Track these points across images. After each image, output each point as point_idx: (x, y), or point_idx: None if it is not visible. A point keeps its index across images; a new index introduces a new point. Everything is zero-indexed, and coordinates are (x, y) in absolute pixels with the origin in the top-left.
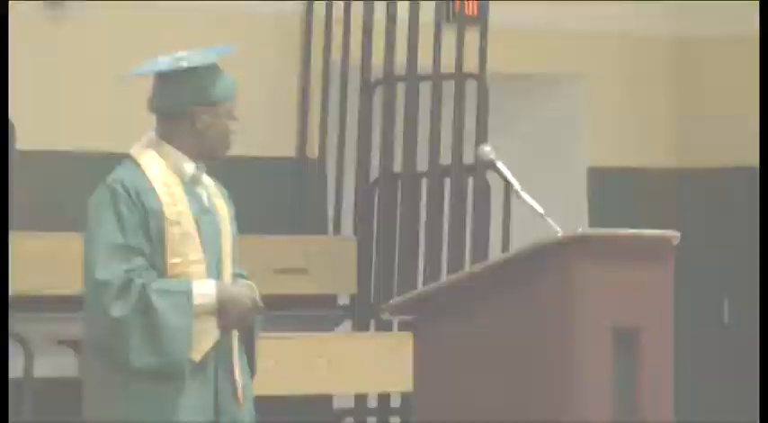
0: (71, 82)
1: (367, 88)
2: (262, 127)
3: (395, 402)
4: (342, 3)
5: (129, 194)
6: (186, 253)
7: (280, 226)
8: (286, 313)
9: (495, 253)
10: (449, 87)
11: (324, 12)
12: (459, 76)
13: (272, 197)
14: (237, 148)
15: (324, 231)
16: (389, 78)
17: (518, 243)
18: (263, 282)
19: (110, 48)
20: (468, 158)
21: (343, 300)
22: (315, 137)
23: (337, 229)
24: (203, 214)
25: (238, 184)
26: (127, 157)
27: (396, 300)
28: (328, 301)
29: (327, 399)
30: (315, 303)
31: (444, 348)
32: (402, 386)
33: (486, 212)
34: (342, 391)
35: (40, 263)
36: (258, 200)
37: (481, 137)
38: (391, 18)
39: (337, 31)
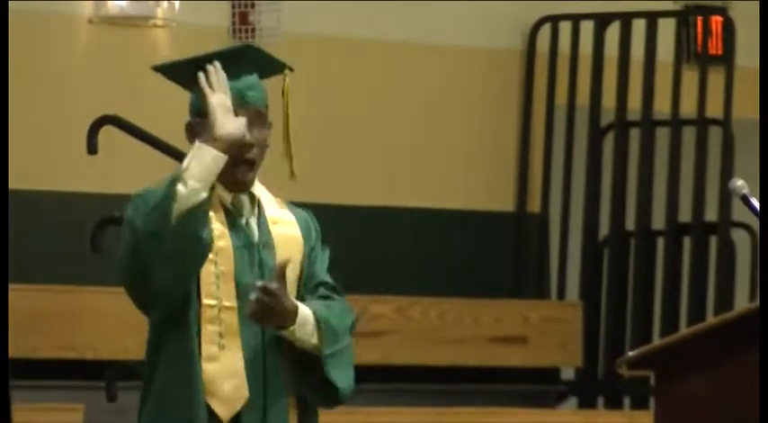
0: None
1: (596, 135)
2: (475, 177)
3: None
4: (568, 38)
5: None
6: (221, 297)
7: (496, 289)
8: (502, 387)
9: None
10: (689, 134)
11: (548, 47)
12: (702, 122)
13: (487, 257)
14: (446, 200)
15: (546, 296)
16: (622, 124)
17: None
18: (476, 351)
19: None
20: (710, 215)
21: (567, 373)
22: (536, 189)
23: (561, 293)
24: (244, 249)
25: (448, 240)
26: None
27: (632, 353)
28: (550, 374)
29: None
30: (535, 377)
31: (689, 407)
32: None
33: (731, 275)
34: None
35: None
36: (471, 259)
37: (725, 191)
38: (624, 57)
39: (563, 69)
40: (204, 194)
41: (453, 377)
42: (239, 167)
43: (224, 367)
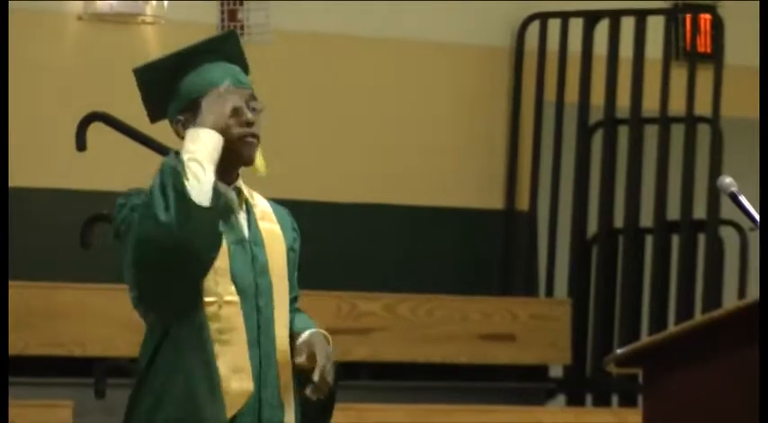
0: None
1: (585, 132)
2: (464, 175)
3: None
4: (557, 35)
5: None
6: (220, 293)
7: (485, 286)
8: (490, 384)
9: None
10: (678, 132)
11: (537, 44)
12: (690, 120)
13: (476, 254)
14: (435, 198)
15: (534, 293)
16: (610, 121)
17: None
18: (465, 348)
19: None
20: (699, 213)
21: (556, 371)
22: (525, 187)
23: (550, 290)
24: (238, 244)
25: (437, 237)
26: None
27: (621, 350)
28: (539, 371)
29: None
30: (523, 374)
31: (678, 404)
32: None
33: (720, 273)
34: None
35: None
36: (460, 256)
37: (714, 189)
38: (613, 54)
39: (552, 66)
40: (212, 176)
41: (442, 374)
42: (246, 144)
43: (227, 364)
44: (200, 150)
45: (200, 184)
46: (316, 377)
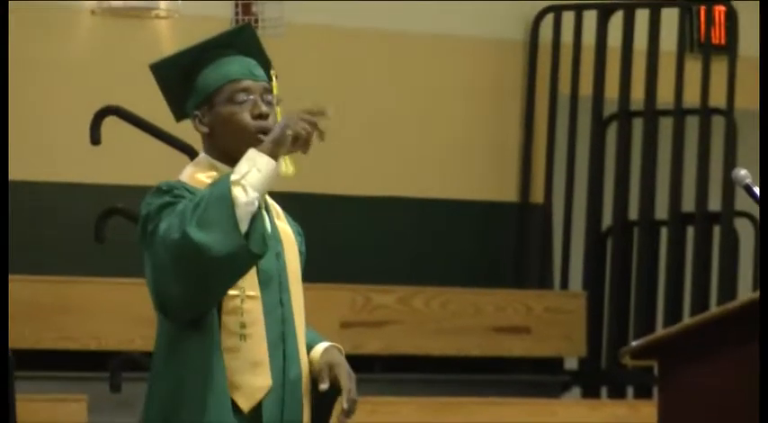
0: None
1: (599, 124)
2: (479, 167)
3: None
4: (571, 28)
5: (188, 189)
6: (243, 287)
7: (499, 279)
8: (505, 377)
9: None
10: (692, 124)
11: (550, 37)
12: (705, 112)
13: (490, 246)
14: (450, 191)
15: (549, 286)
16: (625, 113)
17: None
18: (479, 341)
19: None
20: (713, 205)
21: (571, 363)
22: (540, 179)
23: (564, 283)
24: None
25: (451, 230)
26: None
27: (636, 343)
28: (553, 364)
29: None
30: (538, 367)
31: (693, 396)
32: None
33: (734, 265)
34: None
35: None
36: (475, 249)
37: (729, 181)
38: (627, 47)
39: (566, 59)
40: (258, 204)
41: (456, 367)
42: (241, 121)
43: (246, 358)
44: (251, 177)
45: (239, 210)
46: (345, 404)
